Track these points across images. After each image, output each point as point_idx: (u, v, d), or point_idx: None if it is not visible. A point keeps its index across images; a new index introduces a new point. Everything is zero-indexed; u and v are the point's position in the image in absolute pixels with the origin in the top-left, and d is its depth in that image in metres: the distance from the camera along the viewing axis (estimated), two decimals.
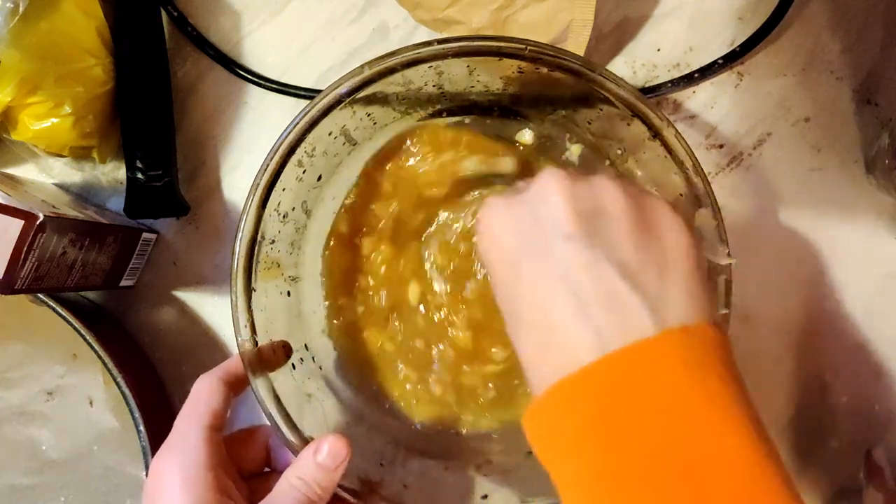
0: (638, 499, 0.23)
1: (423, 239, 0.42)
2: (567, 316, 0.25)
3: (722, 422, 0.23)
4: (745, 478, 0.23)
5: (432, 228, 0.42)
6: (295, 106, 0.46)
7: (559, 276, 0.26)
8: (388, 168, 0.42)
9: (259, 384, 0.35)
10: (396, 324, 0.43)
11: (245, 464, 0.36)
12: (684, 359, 0.24)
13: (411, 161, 0.42)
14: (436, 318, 0.42)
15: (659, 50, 0.45)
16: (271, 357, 0.37)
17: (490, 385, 0.42)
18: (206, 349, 0.47)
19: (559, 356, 0.25)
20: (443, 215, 0.42)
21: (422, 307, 0.42)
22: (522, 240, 0.27)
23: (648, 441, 0.23)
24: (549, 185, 0.28)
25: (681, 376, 0.24)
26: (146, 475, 0.42)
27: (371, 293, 0.43)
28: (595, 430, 0.24)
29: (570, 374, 0.25)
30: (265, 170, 0.35)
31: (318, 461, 0.33)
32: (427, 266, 0.42)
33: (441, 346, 0.42)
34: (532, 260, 0.27)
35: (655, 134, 0.36)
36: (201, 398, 0.34)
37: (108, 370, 0.41)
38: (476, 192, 0.42)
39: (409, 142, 0.42)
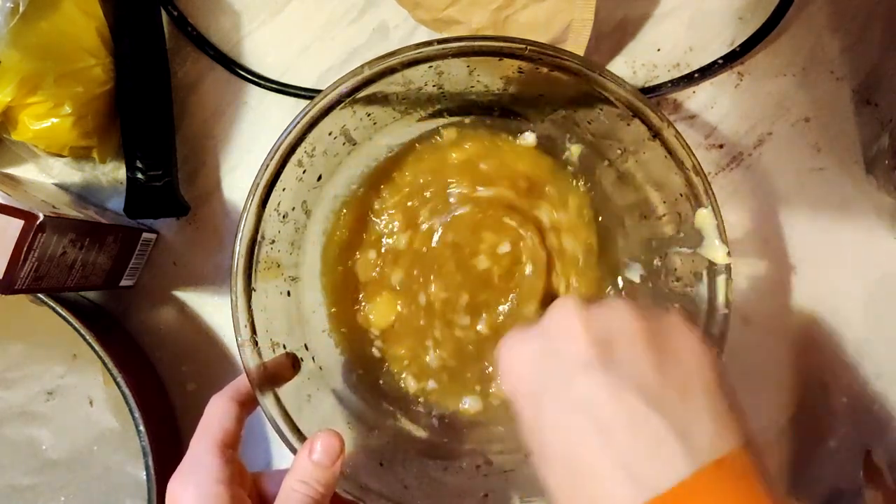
0: None
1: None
2: (592, 448, 0.25)
3: None
4: None
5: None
6: (295, 106, 0.46)
7: (580, 407, 0.26)
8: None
9: (266, 399, 0.36)
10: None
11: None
12: (722, 496, 0.24)
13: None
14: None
15: (659, 50, 0.45)
16: (278, 373, 0.37)
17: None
18: (206, 349, 0.47)
19: (593, 497, 0.25)
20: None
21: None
22: (541, 373, 0.27)
23: None
24: (564, 314, 0.28)
25: None
26: (146, 476, 0.42)
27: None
28: None
29: None
30: (265, 170, 0.35)
31: (314, 460, 0.33)
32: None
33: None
34: (552, 392, 0.27)
35: (655, 134, 0.36)
36: (213, 419, 0.34)
37: (108, 370, 0.41)
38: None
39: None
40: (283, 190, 0.37)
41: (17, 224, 0.35)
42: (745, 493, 0.24)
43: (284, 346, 0.39)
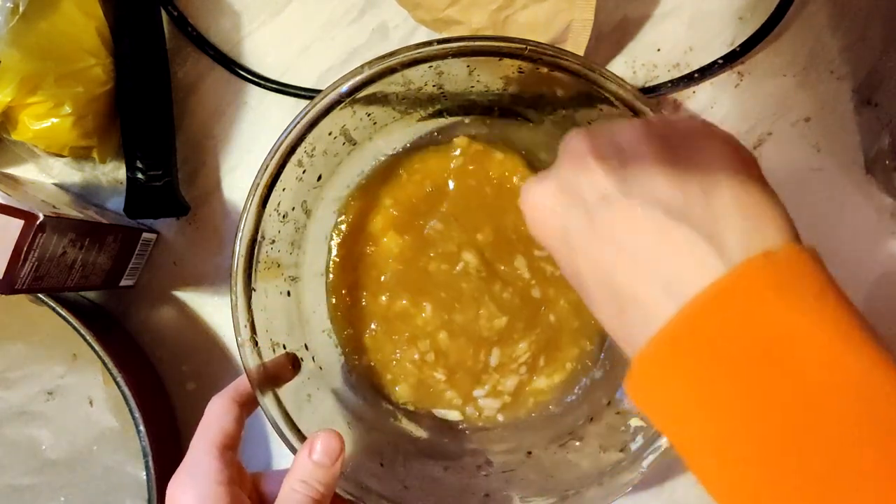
0: (768, 451, 0.22)
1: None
2: (629, 277, 0.24)
3: (829, 339, 0.22)
4: (879, 398, 0.21)
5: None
6: (295, 106, 0.46)
7: (606, 238, 0.25)
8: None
9: (266, 399, 0.36)
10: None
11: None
12: (774, 286, 0.22)
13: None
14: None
15: (659, 50, 0.45)
16: (278, 373, 0.37)
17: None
18: (206, 349, 0.47)
19: (639, 320, 0.24)
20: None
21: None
22: (562, 212, 0.27)
23: (763, 387, 0.22)
24: (573, 148, 0.27)
25: (775, 306, 0.22)
26: (146, 476, 0.42)
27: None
28: (701, 391, 0.23)
29: (655, 335, 0.23)
30: (265, 170, 0.36)
31: (314, 460, 0.33)
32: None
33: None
34: (577, 230, 0.26)
35: None
36: (213, 420, 0.34)
37: (108, 370, 0.41)
38: None
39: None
40: (283, 190, 0.37)
41: (17, 224, 0.35)
42: (790, 279, 0.23)
43: (284, 346, 0.39)
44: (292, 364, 0.39)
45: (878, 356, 0.22)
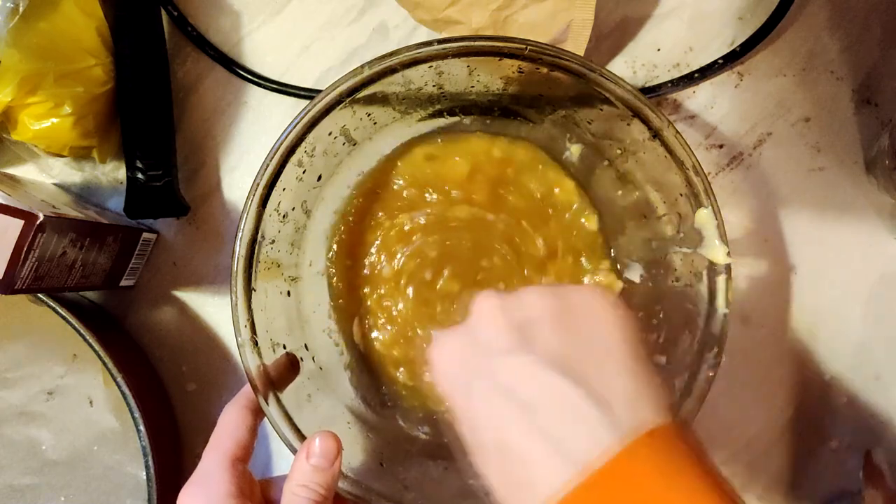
0: None
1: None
2: (520, 429, 0.25)
3: None
4: None
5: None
6: (295, 106, 0.46)
7: (503, 392, 0.26)
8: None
9: (270, 404, 0.36)
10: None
11: None
12: (658, 468, 0.24)
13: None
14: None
15: (659, 50, 0.45)
16: (280, 374, 0.37)
17: None
18: (206, 349, 0.47)
19: (526, 474, 0.25)
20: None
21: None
22: (466, 365, 0.28)
23: None
24: (481, 306, 0.29)
25: (660, 488, 0.23)
26: (146, 476, 0.42)
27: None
28: None
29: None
30: (265, 170, 0.36)
31: (312, 464, 0.32)
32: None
33: None
34: (477, 383, 0.27)
35: (655, 134, 0.36)
36: (226, 430, 0.35)
37: (108, 370, 0.41)
38: None
39: None
40: (283, 190, 0.37)
41: (17, 224, 0.35)
42: (674, 459, 0.24)
43: (284, 346, 0.39)
44: (292, 365, 0.39)
45: None
